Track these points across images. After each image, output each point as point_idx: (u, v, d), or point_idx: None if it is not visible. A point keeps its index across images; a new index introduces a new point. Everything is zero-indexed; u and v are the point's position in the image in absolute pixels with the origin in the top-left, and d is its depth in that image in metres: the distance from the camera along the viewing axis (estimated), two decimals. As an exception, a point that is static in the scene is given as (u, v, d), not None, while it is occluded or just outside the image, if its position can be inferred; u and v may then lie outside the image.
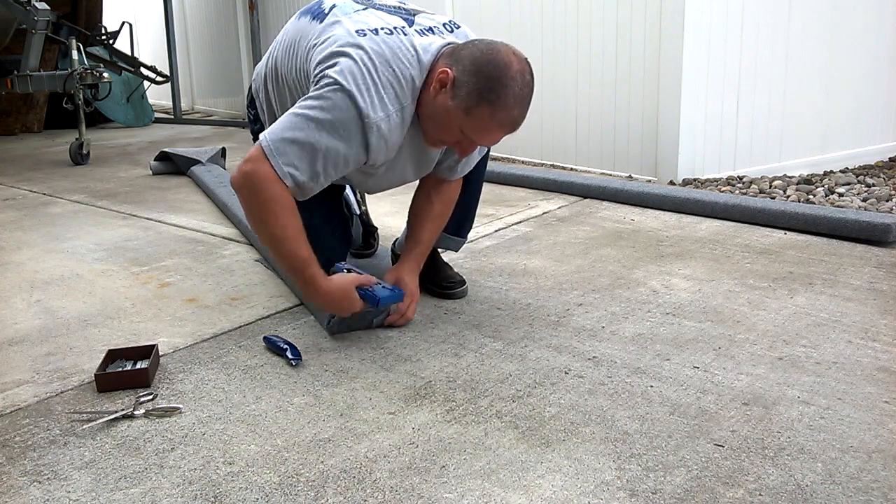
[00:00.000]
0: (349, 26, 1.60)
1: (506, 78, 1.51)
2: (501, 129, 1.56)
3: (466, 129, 1.56)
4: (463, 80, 1.51)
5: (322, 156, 1.54)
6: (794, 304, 1.89)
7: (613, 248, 2.41)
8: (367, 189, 2.00)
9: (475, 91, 1.50)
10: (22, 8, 4.43)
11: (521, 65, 1.54)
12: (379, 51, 1.55)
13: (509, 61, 1.52)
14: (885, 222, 2.34)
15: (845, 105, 3.75)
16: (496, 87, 1.50)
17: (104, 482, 1.21)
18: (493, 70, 1.51)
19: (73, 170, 4.31)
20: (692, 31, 3.27)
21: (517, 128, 1.59)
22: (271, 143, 1.52)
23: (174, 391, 1.51)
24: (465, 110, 1.52)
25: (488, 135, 1.57)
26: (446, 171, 1.85)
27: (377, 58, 1.54)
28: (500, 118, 1.53)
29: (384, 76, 1.54)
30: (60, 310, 2.00)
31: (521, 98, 1.54)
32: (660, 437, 1.29)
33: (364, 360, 1.63)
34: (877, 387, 1.45)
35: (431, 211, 1.87)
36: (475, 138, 1.58)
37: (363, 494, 1.15)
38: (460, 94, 1.52)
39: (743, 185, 3.34)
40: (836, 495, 1.12)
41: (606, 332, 1.74)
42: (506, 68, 1.51)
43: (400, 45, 1.58)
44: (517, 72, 1.52)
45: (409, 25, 1.64)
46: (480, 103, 1.51)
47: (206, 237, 2.70)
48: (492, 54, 1.52)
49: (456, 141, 1.61)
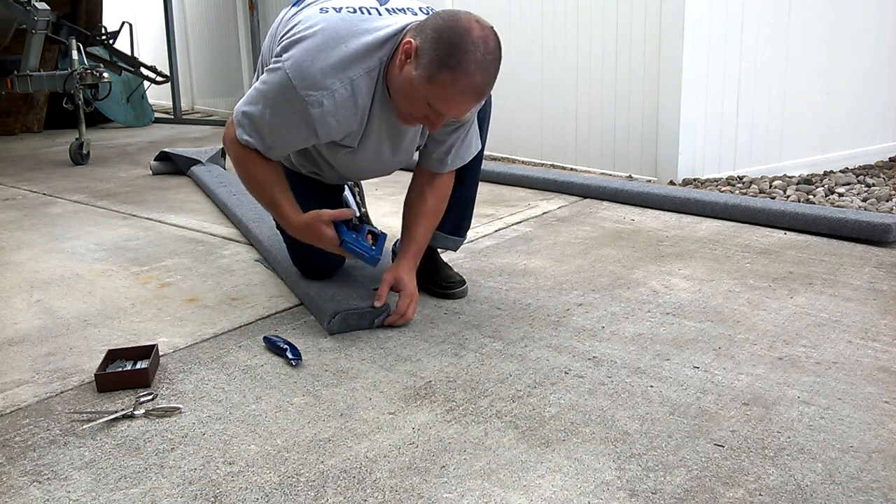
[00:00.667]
0: (315, 7, 1.64)
1: (466, 43, 1.48)
2: (464, 96, 1.53)
3: (430, 98, 1.54)
4: (424, 49, 1.51)
5: (269, 130, 1.66)
6: (794, 304, 1.89)
7: (613, 248, 2.42)
8: (350, 175, 2.01)
9: (436, 58, 1.49)
10: (22, 8, 4.43)
11: (484, 31, 1.52)
12: (333, 28, 1.57)
13: (469, 27, 1.50)
14: (885, 222, 2.34)
15: (845, 105, 3.75)
16: (456, 53, 1.48)
17: (104, 482, 1.21)
18: (453, 36, 1.49)
19: (73, 170, 4.31)
20: (692, 31, 3.27)
21: (482, 96, 1.57)
22: (235, 114, 1.71)
23: (174, 391, 1.51)
24: (428, 79, 1.51)
25: (452, 104, 1.55)
26: (436, 163, 1.84)
27: (329, 35, 1.56)
28: (462, 84, 1.50)
29: (333, 53, 1.55)
30: (60, 310, 2.00)
31: (484, 64, 1.51)
32: (660, 437, 1.29)
33: (364, 360, 1.63)
34: (877, 387, 1.45)
35: (425, 207, 1.86)
36: (440, 108, 1.56)
37: (363, 494, 1.15)
38: (422, 62, 1.51)
39: (743, 185, 3.34)
40: (836, 495, 1.12)
41: (606, 332, 1.74)
42: (466, 34, 1.49)
43: (359, 21, 1.59)
44: (479, 38, 1.50)
45: (381, 5, 1.65)
46: (441, 70, 1.49)
47: (206, 237, 2.70)
48: (452, 21, 1.51)
49: (424, 114, 1.59)
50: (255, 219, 2.60)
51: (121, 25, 5.50)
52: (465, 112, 1.61)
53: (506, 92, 3.99)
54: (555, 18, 3.86)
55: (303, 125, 1.60)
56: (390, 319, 1.79)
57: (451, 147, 1.81)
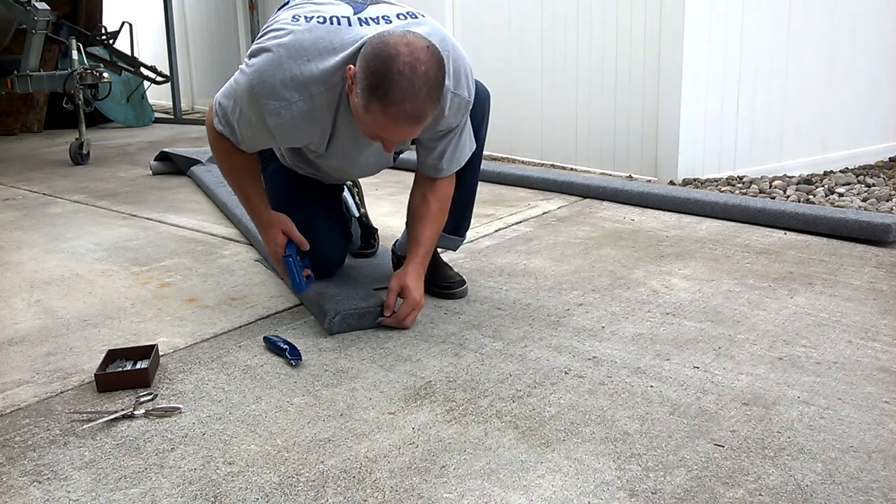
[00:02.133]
0: (289, 13, 1.66)
1: (391, 72, 1.45)
2: (397, 124, 1.50)
3: (369, 125, 1.53)
4: (359, 77, 1.50)
5: (237, 126, 1.69)
6: (794, 304, 1.89)
7: (613, 248, 2.42)
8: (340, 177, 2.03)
9: (366, 88, 1.48)
10: (22, 8, 4.43)
11: (413, 55, 1.46)
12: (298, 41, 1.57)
13: (396, 53, 1.46)
14: (885, 222, 2.34)
15: (845, 105, 3.75)
16: (382, 83, 1.46)
17: (104, 482, 1.21)
18: (377, 64, 1.46)
19: (73, 170, 4.31)
20: (692, 31, 3.27)
21: (420, 121, 1.52)
22: (214, 102, 1.74)
23: (174, 391, 1.51)
24: (364, 107, 1.50)
25: (389, 130, 1.53)
26: (431, 169, 1.83)
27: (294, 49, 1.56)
28: (391, 113, 1.48)
29: (294, 66, 1.56)
30: (60, 310, 2.00)
31: (412, 91, 1.46)
32: (660, 437, 1.29)
33: (364, 360, 1.63)
34: (877, 387, 1.45)
35: (429, 211, 1.85)
36: (380, 134, 1.55)
37: (363, 494, 1.15)
38: (357, 90, 1.50)
39: (743, 185, 3.34)
40: (836, 495, 1.12)
41: (606, 332, 1.74)
42: (391, 61, 1.45)
43: (326, 34, 1.58)
44: (405, 64, 1.45)
45: (354, 13, 1.63)
46: (371, 100, 1.47)
47: (206, 237, 2.70)
48: (379, 47, 1.48)
49: (375, 136, 1.59)
50: (255, 219, 2.60)
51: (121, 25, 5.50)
52: (409, 136, 1.58)
53: (506, 92, 4.00)
54: (555, 18, 3.86)
55: (263, 129, 1.64)
56: (388, 321, 1.78)
57: (444, 152, 1.79)
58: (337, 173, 1.96)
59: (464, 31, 4.27)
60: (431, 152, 1.79)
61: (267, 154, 1.94)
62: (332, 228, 2.00)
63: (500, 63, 4.14)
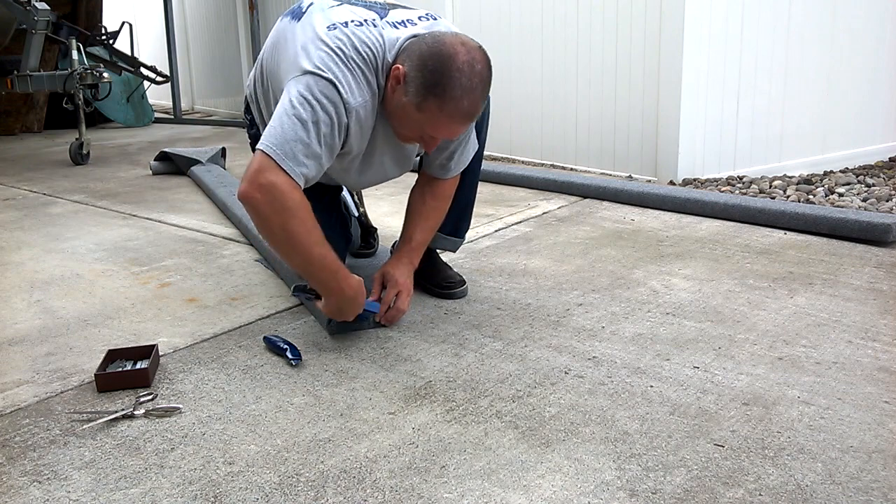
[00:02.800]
0: (321, 22, 1.62)
1: (451, 69, 1.49)
2: (452, 121, 1.55)
3: (420, 124, 1.56)
4: (412, 76, 1.52)
5: (324, 148, 1.54)
6: (794, 304, 1.89)
7: (613, 248, 2.42)
8: (350, 185, 2.01)
9: (422, 86, 1.50)
10: (22, 8, 4.43)
11: (470, 54, 1.52)
12: (346, 40, 1.57)
13: (454, 52, 1.50)
14: (885, 222, 2.34)
15: (845, 105, 3.75)
16: (441, 80, 1.49)
17: (104, 482, 1.21)
18: (437, 63, 1.50)
19: (73, 170, 4.31)
20: (692, 31, 3.27)
21: (472, 119, 1.58)
22: (277, 149, 1.49)
23: (174, 391, 1.51)
24: (417, 106, 1.53)
25: (442, 128, 1.57)
26: (438, 169, 1.84)
27: (348, 47, 1.56)
28: (448, 111, 1.52)
29: (356, 63, 1.55)
30: (60, 310, 2.00)
31: (471, 88, 1.51)
32: (660, 437, 1.29)
33: (364, 360, 1.63)
34: (877, 387, 1.45)
35: (424, 209, 1.87)
36: (431, 133, 1.58)
37: (363, 494, 1.15)
38: (410, 89, 1.52)
39: (743, 185, 3.34)
40: (836, 495, 1.12)
41: (606, 332, 1.74)
42: (450, 59, 1.49)
43: (369, 34, 1.59)
44: (464, 62, 1.50)
45: (380, 18, 1.64)
46: (427, 98, 1.51)
47: (206, 237, 2.70)
48: (437, 46, 1.51)
49: (418, 136, 1.61)
50: (255, 219, 2.60)
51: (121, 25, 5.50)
52: (458, 134, 1.62)
53: (506, 92, 4.00)
54: (555, 19, 3.86)
55: (343, 135, 1.58)
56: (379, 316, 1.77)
57: (454, 153, 1.82)
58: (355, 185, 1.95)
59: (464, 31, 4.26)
60: (443, 152, 1.80)
61: None
62: (332, 228, 2.00)
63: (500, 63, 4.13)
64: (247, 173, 1.51)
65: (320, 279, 1.63)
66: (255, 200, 1.49)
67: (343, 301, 1.66)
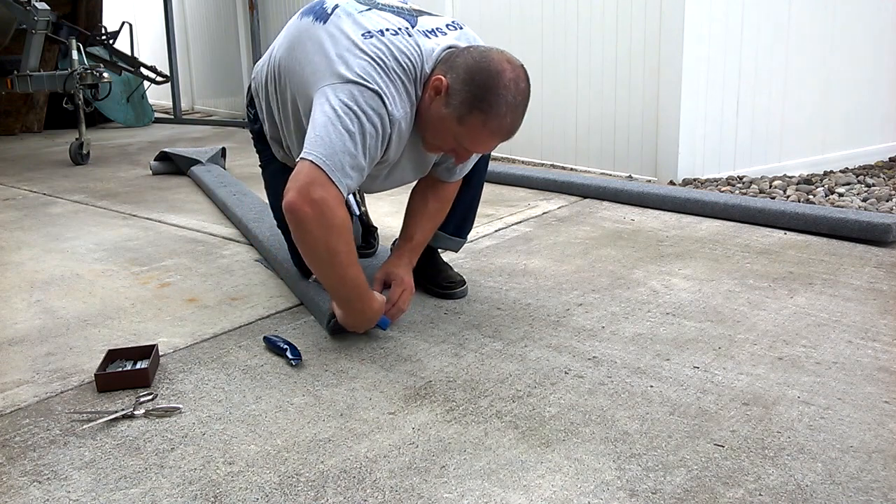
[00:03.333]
0: (354, 29, 1.60)
1: (498, 86, 1.50)
2: (494, 137, 1.57)
3: (459, 137, 1.57)
4: (456, 89, 1.52)
5: (367, 159, 1.53)
6: (794, 304, 1.89)
7: (613, 248, 2.41)
8: (366, 190, 2.01)
9: (467, 100, 1.51)
10: (22, 8, 4.43)
11: (516, 72, 1.53)
12: (388, 50, 1.56)
13: (502, 69, 1.51)
14: (885, 222, 2.34)
15: (845, 105, 3.75)
16: (488, 96, 1.50)
17: (104, 482, 1.21)
18: (485, 78, 1.50)
19: (73, 170, 4.31)
20: (692, 31, 3.27)
21: (511, 136, 1.59)
22: (328, 160, 1.46)
23: (174, 391, 1.51)
24: (458, 119, 1.53)
25: (481, 143, 1.58)
26: (444, 172, 1.85)
27: (388, 57, 1.55)
28: (492, 126, 1.53)
29: (397, 75, 1.55)
30: (60, 310, 2.00)
31: (514, 106, 1.53)
32: (660, 437, 1.29)
33: (364, 360, 1.63)
34: (877, 387, 1.45)
35: (426, 209, 1.87)
36: (468, 146, 1.59)
37: (363, 494, 1.15)
38: (453, 102, 1.53)
39: (743, 185, 3.34)
40: (836, 495, 1.12)
41: (606, 332, 1.74)
42: (498, 76, 1.51)
43: (407, 44, 1.59)
44: (510, 80, 1.51)
45: (412, 26, 1.64)
46: (472, 111, 1.51)
47: (206, 237, 2.70)
48: (485, 62, 1.52)
49: (451, 148, 1.62)
50: (255, 218, 2.60)
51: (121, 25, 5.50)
52: (492, 149, 1.63)
53: (506, 92, 3.99)
54: (555, 19, 3.86)
55: (381, 149, 1.57)
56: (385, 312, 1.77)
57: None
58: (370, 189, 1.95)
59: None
60: (450, 158, 1.80)
61: (267, 154, 1.94)
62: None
63: (500, 63, 4.14)
64: (296, 183, 1.47)
65: (348, 298, 1.64)
66: (304, 214, 1.47)
67: (362, 320, 1.68)
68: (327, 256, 1.53)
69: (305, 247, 1.55)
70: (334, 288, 1.63)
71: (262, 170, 2.00)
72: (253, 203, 2.84)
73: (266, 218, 2.52)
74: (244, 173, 3.79)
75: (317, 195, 1.45)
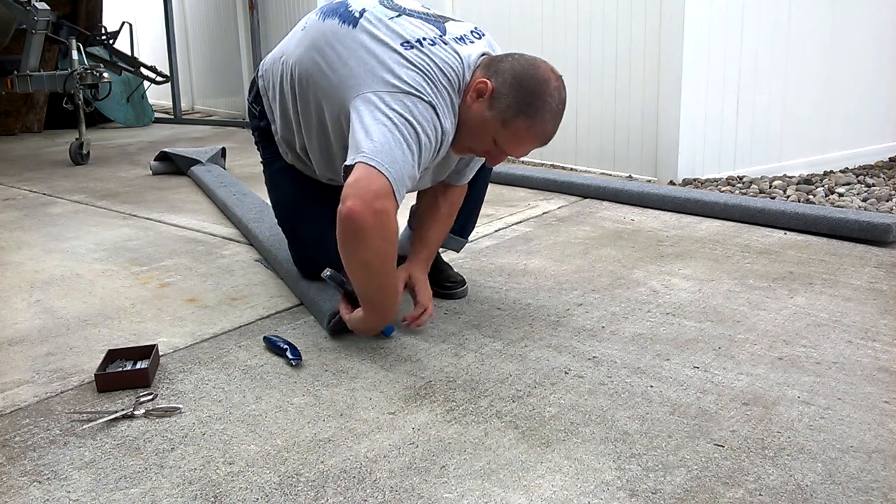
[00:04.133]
0: (390, 37, 1.59)
1: (545, 94, 1.55)
2: (534, 142, 1.61)
3: (500, 139, 1.59)
4: (503, 93, 1.55)
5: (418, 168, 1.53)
6: (794, 304, 1.89)
7: (613, 248, 2.42)
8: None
9: (515, 104, 1.55)
10: (22, 8, 4.43)
11: (558, 82, 1.59)
12: (432, 62, 1.57)
13: (548, 77, 1.57)
14: (885, 222, 2.34)
15: (845, 105, 3.75)
16: (535, 102, 1.55)
17: (104, 482, 1.21)
18: (534, 85, 1.55)
19: (73, 170, 4.31)
20: (692, 31, 3.27)
21: (548, 141, 1.63)
22: (395, 173, 1.45)
23: (174, 391, 1.51)
24: (503, 122, 1.56)
25: (521, 146, 1.61)
26: (454, 176, 1.86)
27: (434, 69, 1.57)
28: (535, 131, 1.57)
29: (444, 86, 1.57)
30: (60, 310, 2.00)
31: (557, 113, 1.59)
32: (660, 437, 1.29)
33: (364, 360, 1.63)
34: (877, 387, 1.45)
35: (439, 214, 1.88)
36: (507, 149, 1.62)
37: (363, 494, 1.15)
38: (499, 105, 1.56)
39: (743, 185, 3.34)
40: (836, 495, 1.12)
41: (606, 332, 1.74)
42: (545, 84, 1.56)
43: (448, 55, 1.60)
44: (555, 88, 1.57)
45: (443, 34, 1.65)
46: (519, 115, 1.55)
47: (206, 237, 2.70)
48: (532, 70, 1.57)
49: (486, 150, 1.64)
50: (255, 218, 2.60)
51: (121, 25, 5.50)
52: (527, 153, 1.65)
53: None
54: (555, 19, 3.86)
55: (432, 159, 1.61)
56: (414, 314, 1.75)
57: (470, 161, 1.85)
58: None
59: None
60: (462, 160, 1.82)
61: (270, 152, 1.92)
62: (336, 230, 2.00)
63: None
64: (359, 190, 1.44)
65: (378, 305, 1.63)
66: (366, 224, 1.44)
67: (378, 326, 1.69)
68: (378, 266, 1.52)
69: (357, 255, 1.52)
70: (372, 294, 1.61)
71: (265, 167, 1.97)
72: (253, 203, 2.84)
73: (266, 218, 2.52)
74: (244, 173, 3.80)
75: (381, 206, 1.44)
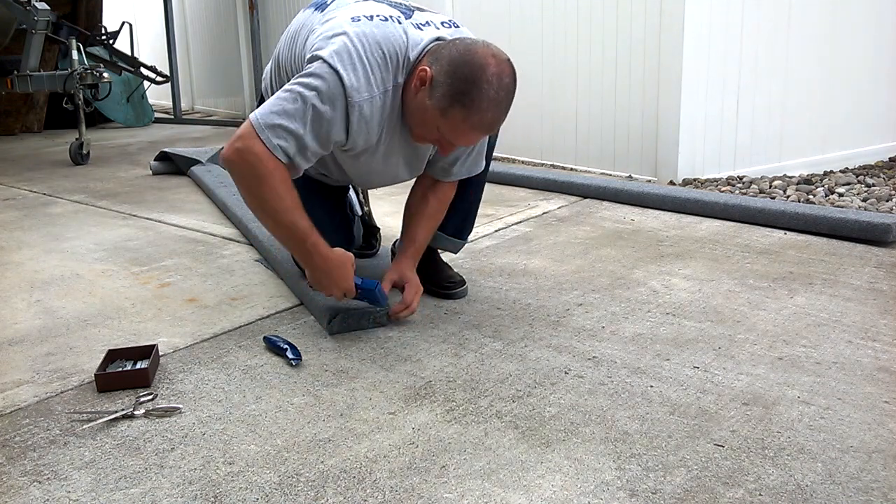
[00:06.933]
0: (346, 13, 1.63)
1: (480, 81, 1.50)
2: (474, 131, 1.57)
3: (441, 129, 1.57)
4: (439, 81, 1.53)
5: (309, 130, 1.55)
6: (794, 304, 1.89)
7: (613, 248, 2.41)
8: (360, 183, 2.02)
9: (449, 93, 1.51)
10: (22, 8, 4.43)
11: (500, 66, 1.52)
12: (370, 33, 1.57)
13: (485, 63, 1.51)
14: (885, 222, 2.34)
15: (845, 105, 3.75)
16: (470, 90, 1.50)
17: (104, 482, 1.21)
18: (467, 72, 1.50)
19: (73, 170, 4.31)
20: (692, 30, 3.27)
21: (493, 130, 1.60)
22: (261, 120, 1.54)
23: (174, 391, 1.51)
24: (441, 111, 1.54)
25: (462, 136, 1.59)
26: (440, 171, 1.85)
27: (367, 39, 1.56)
28: (473, 121, 1.53)
29: (372, 57, 1.56)
30: (60, 310, 2.00)
31: (497, 101, 1.53)
32: (660, 437, 1.29)
33: (364, 360, 1.63)
34: (877, 387, 1.45)
35: (426, 209, 1.88)
36: (450, 139, 1.60)
37: (363, 494, 1.15)
38: (436, 94, 1.53)
39: (743, 185, 3.34)
40: (836, 495, 1.12)
41: (606, 332, 1.74)
42: (481, 70, 1.50)
43: (392, 30, 1.60)
44: (493, 74, 1.51)
45: (405, 18, 1.65)
46: (454, 105, 1.52)
47: (206, 237, 2.70)
48: (468, 55, 1.52)
49: (435, 139, 1.63)
50: (254, 218, 2.59)
51: (121, 25, 5.50)
52: (476, 142, 1.64)
53: (506, 92, 3.99)
54: (555, 18, 3.86)
55: (341, 128, 1.58)
56: (395, 309, 1.78)
57: (458, 158, 1.83)
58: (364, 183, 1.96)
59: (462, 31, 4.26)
60: (447, 156, 1.81)
61: None
62: (337, 229, 2.00)
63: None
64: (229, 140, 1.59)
65: (290, 247, 1.71)
66: (231, 163, 1.58)
67: (317, 271, 1.68)
68: (258, 203, 1.61)
69: (241, 194, 1.64)
70: (276, 236, 1.71)
71: None
72: (253, 203, 2.84)
73: (266, 218, 2.51)
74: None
75: (241, 145, 1.54)
